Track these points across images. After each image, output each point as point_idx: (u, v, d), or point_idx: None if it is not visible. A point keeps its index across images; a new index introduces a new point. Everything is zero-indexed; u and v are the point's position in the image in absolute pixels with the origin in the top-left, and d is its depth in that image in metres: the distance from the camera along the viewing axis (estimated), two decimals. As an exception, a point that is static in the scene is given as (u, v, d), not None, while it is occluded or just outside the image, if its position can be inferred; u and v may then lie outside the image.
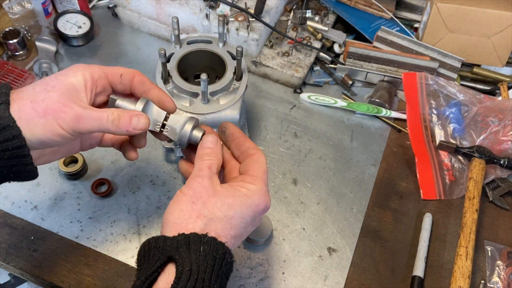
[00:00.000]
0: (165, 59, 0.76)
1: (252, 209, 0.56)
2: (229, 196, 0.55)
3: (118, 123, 0.56)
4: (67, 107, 0.53)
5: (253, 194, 0.56)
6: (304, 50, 1.06)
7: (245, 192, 0.56)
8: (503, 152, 0.93)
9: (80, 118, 0.54)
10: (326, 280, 0.79)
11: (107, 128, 0.56)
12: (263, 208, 0.57)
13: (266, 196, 0.58)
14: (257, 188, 0.57)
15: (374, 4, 1.14)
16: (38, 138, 0.53)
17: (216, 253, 0.51)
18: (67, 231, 0.80)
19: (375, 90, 1.03)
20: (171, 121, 0.62)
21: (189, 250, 0.49)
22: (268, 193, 0.58)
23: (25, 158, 0.53)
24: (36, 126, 0.52)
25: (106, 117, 0.55)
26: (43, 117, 0.52)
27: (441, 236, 0.86)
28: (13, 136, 0.51)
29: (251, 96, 1.02)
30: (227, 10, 0.99)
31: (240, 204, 0.55)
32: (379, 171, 0.93)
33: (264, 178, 0.59)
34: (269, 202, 0.58)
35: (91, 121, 0.54)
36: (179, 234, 0.51)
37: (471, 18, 1.03)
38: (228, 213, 0.54)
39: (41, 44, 1.01)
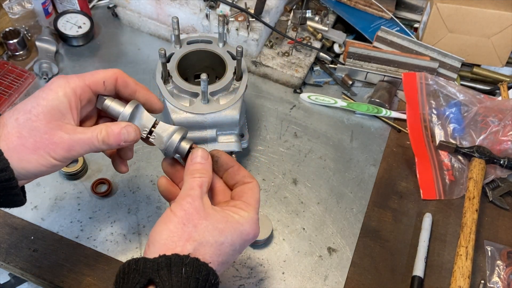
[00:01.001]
0: (165, 59, 0.76)
1: (243, 237, 0.54)
2: (221, 221, 0.53)
3: (108, 141, 0.55)
4: (56, 137, 0.53)
5: (245, 222, 0.55)
6: (304, 50, 1.06)
7: (238, 219, 0.54)
8: (503, 152, 0.93)
9: (71, 146, 0.54)
10: (326, 280, 0.79)
11: (98, 148, 0.56)
12: (252, 237, 0.56)
13: (256, 225, 0.56)
14: (249, 216, 0.55)
15: (374, 4, 1.14)
16: (31, 172, 0.53)
17: (199, 274, 0.48)
18: (67, 231, 0.80)
19: (375, 90, 1.03)
20: (159, 128, 0.60)
21: (170, 272, 0.47)
22: (258, 222, 0.57)
23: (13, 190, 0.53)
24: (29, 162, 0.52)
25: (95, 137, 0.55)
26: (35, 153, 0.52)
27: (441, 236, 0.86)
28: (1, 169, 0.51)
29: (251, 96, 1.02)
30: (227, 10, 0.99)
31: (231, 231, 0.53)
32: (379, 171, 0.93)
33: (257, 207, 0.57)
34: (258, 232, 0.57)
35: (83, 145, 0.54)
36: (160, 256, 0.49)
37: (471, 18, 1.03)
38: (219, 239, 0.52)
39: (41, 44, 1.01)
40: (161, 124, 0.61)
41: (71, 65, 1.03)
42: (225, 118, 0.78)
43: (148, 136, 0.60)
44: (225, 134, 0.81)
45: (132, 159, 0.89)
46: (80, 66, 1.03)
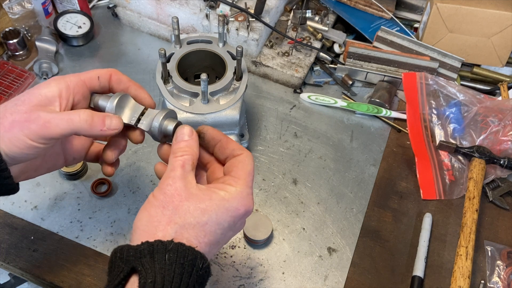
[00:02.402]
0: (165, 59, 0.76)
1: (230, 214, 0.51)
2: (204, 199, 0.50)
3: (91, 122, 0.54)
4: (33, 115, 0.52)
5: (232, 198, 0.51)
6: (304, 50, 1.06)
7: (223, 195, 0.51)
8: (503, 152, 0.93)
9: (47, 123, 0.52)
10: (326, 280, 0.79)
11: (79, 127, 0.54)
12: (243, 212, 0.53)
13: (247, 200, 0.53)
14: (237, 190, 0.52)
15: (374, 4, 1.14)
16: (6, 153, 0.51)
17: (184, 259, 0.46)
18: (67, 231, 0.80)
19: (375, 90, 1.03)
20: (147, 115, 0.60)
21: (153, 259, 0.45)
22: (250, 195, 0.54)
23: (3, 172, 0.52)
24: (2, 141, 0.51)
25: (77, 116, 0.53)
26: (9, 131, 0.51)
27: (441, 236, 0.86)
28: None
29: (251, 96, 1.02)
30: (227, 10, 0.99)
31: (215, 209, 0.50)
32: (379, 171, 0.93)
33: (248, 180, 0.54)
34: (251, 205, 0.53)
35: (60, 123, 0.52)
36: (142, 243, 0.46)
37: (471, 18, 1.03)
38: (202, 219, 0.49)
39: (41, 44, 1.01)
40: (149, 110, 0.60)
41: (71, 65, 1.03)
42: (225, 118, 0.78)
43: (137, 123, 0.60)
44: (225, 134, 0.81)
45: (132, 159, 0.89)
46: (80, 66, 1.03)
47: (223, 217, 0.51)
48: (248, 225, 0.80)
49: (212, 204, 0.50)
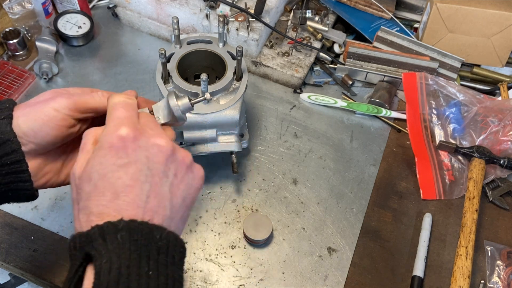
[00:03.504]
0: (165, 59, 0.76)
1: (108, 158, 0.46)
2: (86, 167, 0.47)
3: (107, 95, 0.55)
4: (57, 93, 0.54)
5: (100, 145, 0.47)
6: (304, 50, 1.06)
7: (95, 149, 0.47)
8: (503, 152, 0.93)
9: (72, 95, 0.53)
10: (326, 280, 0.79)
11: (100, 100, 0.55)
12: (119, 143, 0.46)
13: (114, 132, 0.47)
14: (103, 134, 0.48)
15: (374, 4, 1.14)
16: (32, 128, 0.51)
17: (138, 235, 0.43)
18: (67, 231, 0.80)
19: (375, 90, 1.03)
20: (156, 110, 0.60)
21: (105, 241, 0.42)
22: (119, 124, 0.48)
23: (23, 174, 0.52)
24: (28, 116, 0.52)
25: (95, 93, 0.55)
26: (36, 106, 0.52)
27: (441, 236, 0.86)
28: (12, 151, 0.51)
29: (251, 96, 1.02)
30: (227, 10, 0.99)
31: (94, 167, 0.46)
32: (379, 171, 0.93)
33: (113, 117, 0.49)
34: (123, 130, 0.47)
35: (83, 95, 0.54)
36: (92, 227, 0.43)
37: (471, 18, 1.03)
38: (90, 186, 0.45)
39: (41, 44, 1.01)
40: (154, 106, 0.60)
41: (71, 65, 1.03)
42: (225, 118, 0.78)
43: None
44: (225, 134, 0.81)
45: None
46: (80, 66, 1.03)
47: (103, 166, 0.46)
48: (248, 225, 0.80)
49: (89, 166, 0.46)
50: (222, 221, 0.84)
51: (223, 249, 0.81)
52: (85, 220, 0.45)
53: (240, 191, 0.88)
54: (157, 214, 0.46)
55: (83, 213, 0.45)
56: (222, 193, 0.87)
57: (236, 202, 0.86)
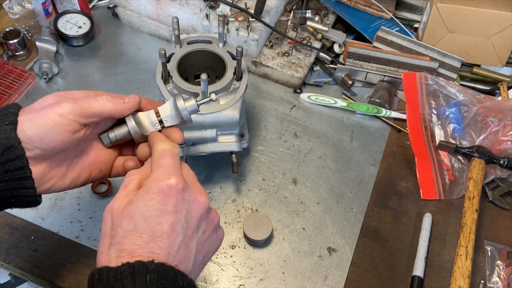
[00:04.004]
0: (165, 59, 0.76)
1: (154, 203, 0.48)
2: (128, 207, 0.48)
3: (112, 99, 0.56)
4: (62, 99, 0.54)
5: (149, 189, 0.48)
6: (304, 50, 1.06)
7: (141, 191, 0.49)
8: (503, 152, 0.93)
9: (77, 100, 0.53)
10: (326, 280, 0.79)
11: (105, 105, 0.55)
12: (167, 192, 0.48)
13: (165, 177, 0.49)
14: (152, 179, 0.49)
15: (374, 4, 1.14)
16: (37, 134, 0.51)
17: (165, 280, 0.45)
18: (67, 231, 0.80)
19: (375, 90, 1.03)
20: (163, 113, 0.60)
21: (134, 281, 0.44)
22: (171, 172, 0.50)
23: (27, 181, 0.52)
24: (33, 121, 0.51)
25: (100, 97, 0.55)
26: (40, 111, 0.52)
27: (441, 236, 0.86)
28: (16, 157, 0.50)
29: (251, 96, 1.02)
30: (227, 10, 0.99)
31: (139, 208, 0.47)
32: (379, 171, 0.93)
33: (160, 162, 0.51)
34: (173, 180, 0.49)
35: (88, 100, 0.54)
36: (123, 264, 0.45)
37: (471, 18, 1.03)
38: (130, 225, 0.47)
39: (41, 44, 1.01)
40: (160, 108, 0.61)
41: (71, 65, 1.03)
42: (225, 118, 0.78)
43: (162, 125, 0.61)
44: (225, 134, 0.81)
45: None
46: (80, 66, 1.03)
47: (148, 210, 0.47)
48: (248, 225, 0.80)
49: (133, 206, 0.48)
50: (222, 221, 0.84)
51: (223, 249, 0.81)
52: (116, 256, 0.46)
53: (240, 191, 0.88)
54: (182, 266, 0.48)
55: (115, 248, 0.47)
56: (222, 193, 0.87)
57: (236, 202, 0.87)
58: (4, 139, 0.50)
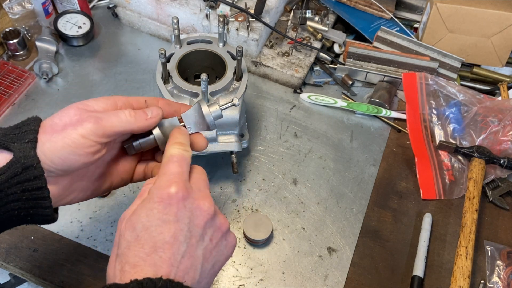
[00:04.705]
0: (165, 59, 0.76)
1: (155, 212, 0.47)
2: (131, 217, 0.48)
3: (135, 115, 0.54)
4: (85, 115, 0.52)
5: (150, 198, 0.48)
6: (304, 50, 1.06)
7: (144, 200, 0.48)
8: (503, 152, 0.93)
9: (99, 119, 0.52)
10: (326, 280, 0.79)
11: (127, 122, 0.53)
12: (167, 200, 0.47)
13: (166, 188, 0.48)
14: (154, 187, 0.48)
15: (374, 4, 1.14)
16: (59, 156, 0.50)
17: None
18: (67, 231, 0.80)
19: (375, 90, 1.03)
20: (187, 120, 0.60)
21: None
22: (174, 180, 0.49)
23: (44, 201, 0.51)
24: (55, 143, 0.50)
25: (122, 113, 0.54)
26: (62, 131, 0.50)
27: (441, 236, 0.86)
28: (34, 177, 0.49)
29: (251, 96, 1.02)
30: (227, 10, 0.99)
31: (140, 218, 0.47)
32: (379, 171, 0.93)
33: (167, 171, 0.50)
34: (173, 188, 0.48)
35: (111, 119, 0.52)
36: (131, 281, 0.44)
37: (471, 18, 1.03)
38: (132, 234, 0.46)
39: (41, 44, 1.01)
40: (184, 115, 0.60)
41: (71, 65, 1.03)
42: (225, 118, 0.77)
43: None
44: (225, 134, 0.81)
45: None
46: (80, 66, 1.03)
47: (148, 219, 0.47)
48: (248, 225, 0.80)
49: (135, 215, 0.47)
50: (222, 221, 0.84)
51: (223, 249, 0.81)
52: (120, 269, 0.46)
53: (240, 191, 0.88)
54: (188, 276, 0.47)
55: (119, 260, 0.46)
56: (222, 193, 0.87)
57: (236, 202, 0.87)
58: (23, 158, 0.49)
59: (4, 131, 0.51)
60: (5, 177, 0.48)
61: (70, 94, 0.98)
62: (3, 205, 0.49)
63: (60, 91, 0.99)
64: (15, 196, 0.49)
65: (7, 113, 0.94)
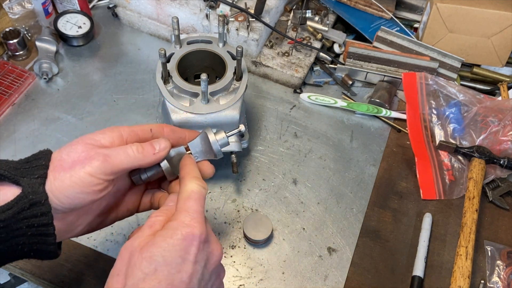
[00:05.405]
0: (165, 59, 0.76)
1: (176, 248, 0.47)
2: (149, 247, 0.47)
3: (142, 150, 0.54)
4: (92, 152, 0.51)
5: (173, 233, 0.48)
6: (304, 50, 1.06)
7: (165, 234, 0.48)
8: (503, 152, 0.93)
9: (107, 157, 0.51)
10: (326, 280, 0.79)
11: (135, 157, 0.54)
12: (191, 239, 0.48)
13: (190, 226, 0.49)
14: (178, 222, 0.49)
15: (374, 4, 1.14)
16: (66, 195, 0.50)
17: None
18: (67, 231, 0.80)
19: (375, 90, 1.03)
20: (193, 149, 0.60)
21: None
22: (196, 220, 0.50)
23: (49, 237, 0.51)
24: (62, 182, 0.50)
25: (130, 148, 0.54)
26: (70, 169, 0.50)
27: (441, 236, 0.86)
28: (41, 213, 0.49)
29: (251, 96, 1.02)
30: (227, 10, 0.99)
31: (160, 251, 0.47)
32: (379, 171, 0.93)
33: (187, 206, 0.51)
34: (198, 229, 0.49)
35: (119, 155, 0.52)
36: None
37: (471, 18, 1.03)
38: (150, 267, 0.46)
39: (41, 44, 1.01)
40: (190, 144, 0.60)
41: (71, 65, 1.03)
42: (225, 118, 0.78)
43: None
44: (225, 134, 0.81)
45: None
46: (80, 66, 1.03)
47: (170, 255, 0.47)
48: (248, 225, 0.80)
49: (155, 248, 0.47)
50: (222, 221, 0.84)
51: (223, 249, 0.81)
52: None
53: (240, 191, 0.88)
54: None
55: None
56: (222, 193, 0.87)
57: (236, 202, 0.87)
58: (32, 194, 0.48)
59: (15, 165, 0.51)
60: (12, 212, 0.47)
61: (70, 94, 0.98)
62: (8, 240, 0.48)
63: (60, 91, 0.99)
64: (21, 232, 0.48)
65: (7, 113, 0.94)
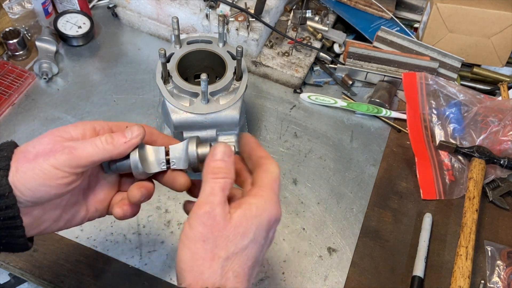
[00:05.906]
0: (165, 59, 0.76)
1: (264, 228, 0.49)
2: (242, 222, 0.48)
3: (112, 140, 0.52)
4: (58, 145, 0.49)
5: (263, 211, 0.49)
6: (304, 50, 1.06)
7: (255, 212, 0.49)
8: (503, 152, 0.93)
9: (73, 149, 0.49)
10: (326, 280, 0.79)
11: (104, 149, 0.51)
12: (274, 221, 0.50)
13: (276, 209, 0.51)
14: (266, 201, 0.50)
15: (374, 4, 1.14)
16: (28, 187, 0.48)
17: None
18: (67, 231, 0.80)
19: (375, 90, 1.03)
20: (173, 153, 0.56)
21: None
22: (278, 203, 0.51)
23: (17, 230, 0.50)
24: (24, 174, 0.48)
25: (99, 140, 0.51)
26: (34, 161, 0.48)
27: (441, 236, 0.86)
28: (6, 206, 0.47)
29: (251, 96, 1.02)
30: (227, 10, 0.99)
31: (254, 229, 0.48)
32: (379, 171, 0.93)
33: (274, 187, 0.52)
34: (279, 213, 0.51)
35: (86, 148, 0.50)
36: None
37: (471, 18, 1.03)
38: (243, 243, 0.47)
39: (41, 44, 1.01)
40: (172, 147, 0.56)
41: (71, 65, 1.03)
42: (225, 118, 0.78)
43: (168, 166, 0.56)
44: (225, 134, 0.81)
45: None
46: (80, 66, 1.03)
47: (259, 234, 0.49)
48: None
49: (249, 224, 0.48)
50: (222, 221, 0.84)
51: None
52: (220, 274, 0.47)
53: (240, 191, 0.88)
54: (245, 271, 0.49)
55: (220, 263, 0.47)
56: (222, 193, 0.87)
57: (236, 202, 0.86)
58: None
59: None
60: None
61: (70, 94, 0.98)
62: None
63: (60, 91, 0.99)
64: None
65: (7, 113, 0.94)
